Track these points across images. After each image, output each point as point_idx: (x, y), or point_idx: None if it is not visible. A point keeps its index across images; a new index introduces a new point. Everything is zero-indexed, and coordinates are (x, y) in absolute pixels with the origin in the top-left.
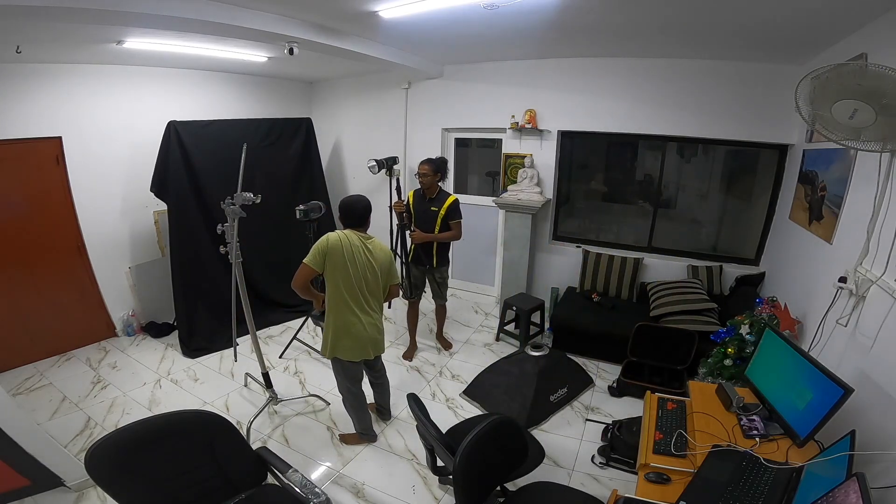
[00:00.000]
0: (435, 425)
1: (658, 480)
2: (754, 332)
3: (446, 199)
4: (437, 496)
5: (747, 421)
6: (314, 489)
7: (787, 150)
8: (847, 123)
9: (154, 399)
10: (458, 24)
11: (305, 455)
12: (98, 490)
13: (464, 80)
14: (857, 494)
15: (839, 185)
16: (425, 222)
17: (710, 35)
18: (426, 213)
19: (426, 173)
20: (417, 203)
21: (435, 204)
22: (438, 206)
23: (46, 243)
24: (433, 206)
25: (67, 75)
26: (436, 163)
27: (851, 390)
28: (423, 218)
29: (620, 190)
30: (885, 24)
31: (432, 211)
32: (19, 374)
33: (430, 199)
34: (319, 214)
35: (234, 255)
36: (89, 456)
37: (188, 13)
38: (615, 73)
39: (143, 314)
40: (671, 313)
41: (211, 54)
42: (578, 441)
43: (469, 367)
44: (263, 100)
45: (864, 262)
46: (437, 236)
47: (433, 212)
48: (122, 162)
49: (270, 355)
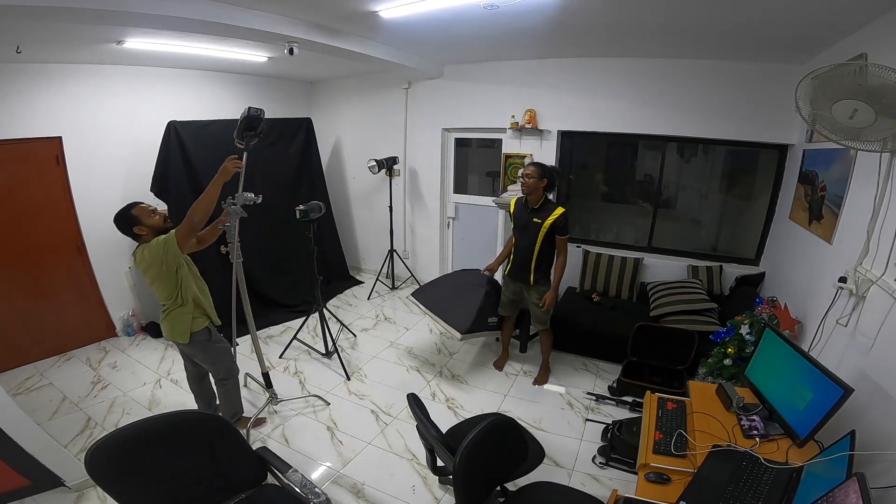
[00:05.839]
0: (435, 425)
1: (658, 480)
2: (754, 332)
3: (553, 211)
4: (437, 496)
5: (747, 421)
6: (314, 489)
7: (787, 150)
8: (847, 123)
9: (154, 399)
10: (458, 24)
11: (305, 455)
12: (98, 490)
13: (464, 80)
14: (857, 494)
15: (839, 185)
16: (526, 236)
17: (710, 35)
18: (528, 225)
19: (531, 175)
20: (518, 212)
21: (538, 215)
22: (542, 218)
23: (46, 243)
24: (536, 218)
25: (67, 75)
26: (545, 168)
27: (851, 390)
28: (524, 230)
29: (620, 190)
30: (885, 24)
31: (534, 223)
32: (19, 374)
33: (534, 209)
34: (319, 214)
35: (235, 255)
36: (89, 456)
37: (188, 13)
38: (615, 73)
39: (143, 314)
40: (671, 313)
41: (211, 54)
42: (578, 441)
43: (469, 367)
44: (263, 100)
45: (864, 262)
46: (557, 280)
47: (535, 224)
48: (122, 162)
49: (270, 355)
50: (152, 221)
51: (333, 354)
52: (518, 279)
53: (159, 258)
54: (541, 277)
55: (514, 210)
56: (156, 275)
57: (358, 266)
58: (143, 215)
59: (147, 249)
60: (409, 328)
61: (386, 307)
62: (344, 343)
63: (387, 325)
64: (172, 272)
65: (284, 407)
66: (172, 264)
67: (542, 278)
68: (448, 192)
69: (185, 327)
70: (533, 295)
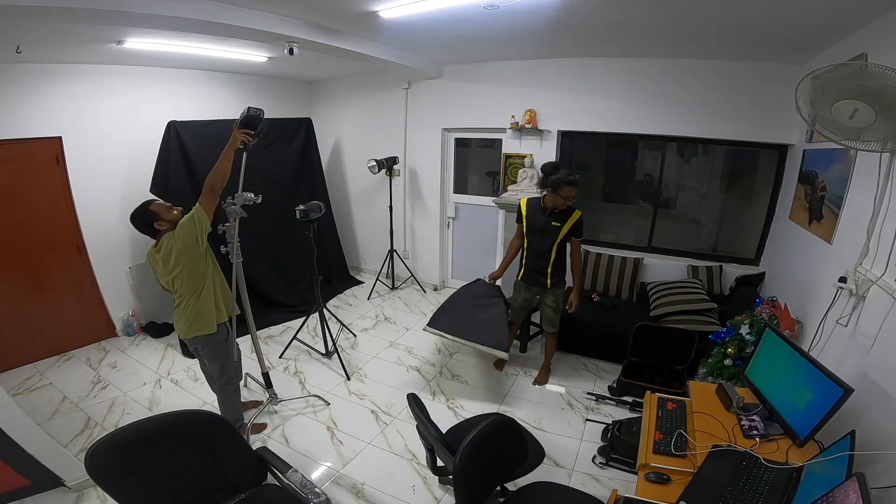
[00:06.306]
0: (435, 425)
1: (658, 480)
2: (754, 332)
3: (571, 214)
4: (437, 496)
5: (747, 421)
6: (314, 489)
7: (787, 150)
8: (847, 123)
9: (154, 399)
10: (458, 24)
11: (305, 455)
12: (98, 490)
13: (464, 80)
14: (857, 494)
15: (839, 185)
16: (543, 239)
17: (710, 35)
18: (546, 228)
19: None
20: (534, 214)
21: (557, 218)
22: (561, 222)
23: (46, 243)
24: (555, 221)
25: (67, 75)
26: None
27: (851, 390)
28: (542, 233)
29: (620, 190)
30: (885, 24)
31: (553, 226)
32: (19, 374)
33: (552, 212)
34: (319, 214)
35: (235, 254)
36: (89, 456)
37: (188, 13)
38: (615, 73)
39: (143, 314)
40: (671, 313)
41: (211, 54)
42: (578, 441)
43: (469, 367)
44: (263, 100)
45: (864, 262)
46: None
47: (554, 227)
48: (122, 162)
49: (270, 355)
50: (171, 216)
51: (333, 354)
52: (534, 283)
53: (194, 235)
54: (556, 281)
55: (528, 212)
56: (190, 257)
57: (358, 266)
58: (161, 210)
59: (180, 230)
60: (409, 328)
61: (386, 307)
62: (344, 343)
63: (387, 325)
64: (203, 254)
65: (284, 407)
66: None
67: (558, 282)
68: (448, 192)
69: (211, 318)
70: (549, 298)
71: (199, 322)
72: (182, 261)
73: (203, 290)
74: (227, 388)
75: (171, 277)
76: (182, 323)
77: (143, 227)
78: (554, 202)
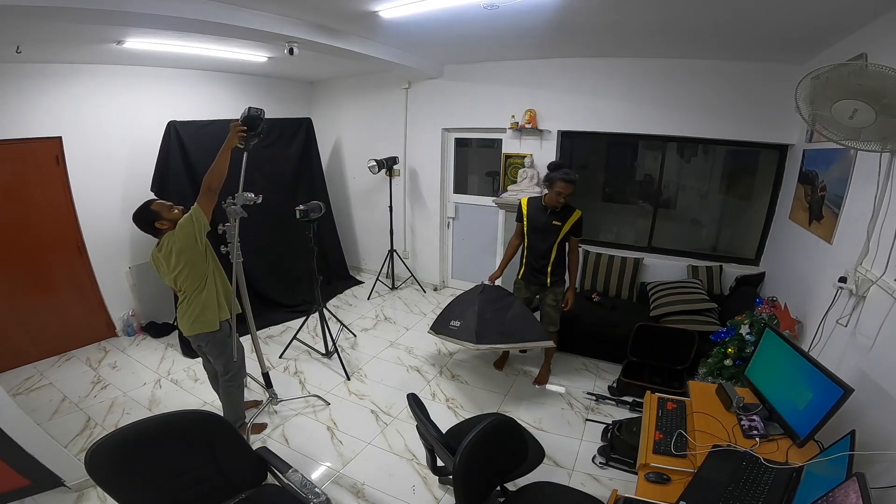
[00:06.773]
0: (435, 425)
1: (658, 480)
2: (754, 332)
3: (572, 214)
4: (437, 496)
5: (747, 421)
6: (314, 489)
7: (787, 150)
8: (847, 123)
9: (154, 399)
10: (458, 24)
11: (305, 455)
12: (98, 490)
13: (464, 80)
14: (857, 494)
15: (839, 185)
16: (544, 238)
17: (710, 35)
18: (547, 228)
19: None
20: (534, 214)
21: (559, 217)
22: (562, 221)
23: (46, 243)
24: (556, 220)
25: (67, 75)
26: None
27: (851, 390)
28: (543, 232)
29: (620, 190)
30: (885, 24)
31: (554, 225)
32: (19, 374)
33: (554, 211)
34: (319, 214)
35: (235, 254)
36: (89, 456)
37: (188, 13)
38: (615, 73)
39: (143, 314)
40: (671, 313)
41: (211, 54)
42: (578, 441)
43: (469, 367)
44: (263, 100)
45: (864, 262)
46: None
47: (555, 226)
48: (122, 162)
49: (270, 355)
50: (172, 215)
51: (333, 354)
52: (535, 282)
53: (192, 234)
54: (556, 280)
55: (529, 212)
56: (190, 256)
57: (358, 266)
58: (162, 210)
59: (179, 230)
60: (409, 328)
61: (386, 307)
62: (344, 343)
63: (387, 325)
64: (203, 252)
65: (284, 407)
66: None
67: (558, 280)
68: (448, 192)
69: (213, 315)
70: (549, 297)
71: (202, 319)
72: (182, 260)
73: (205, 288)
74: (230, 386)
75: (173, 276)
76: (185, 320)
77: (144, 226)
78: (551, 199)
